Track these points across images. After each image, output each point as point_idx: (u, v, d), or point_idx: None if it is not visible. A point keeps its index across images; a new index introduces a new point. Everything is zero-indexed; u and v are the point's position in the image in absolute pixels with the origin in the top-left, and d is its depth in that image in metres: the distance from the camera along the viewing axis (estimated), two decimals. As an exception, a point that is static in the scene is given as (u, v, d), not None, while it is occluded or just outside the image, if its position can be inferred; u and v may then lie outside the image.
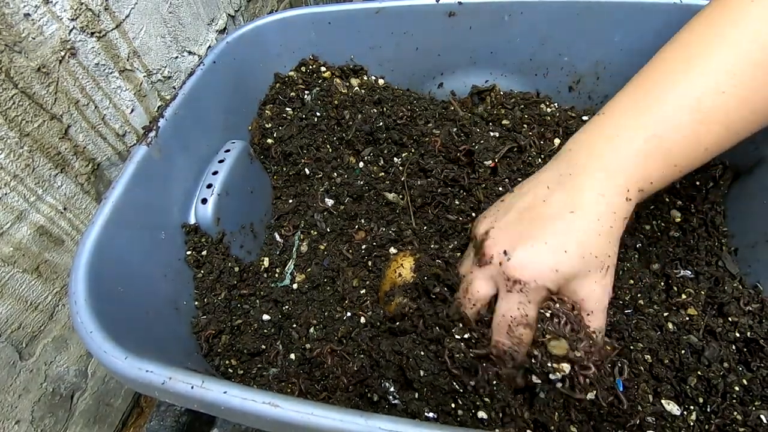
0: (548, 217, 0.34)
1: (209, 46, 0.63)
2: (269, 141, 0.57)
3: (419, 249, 0.47)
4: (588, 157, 0.36)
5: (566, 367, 0.31)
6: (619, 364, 0.37)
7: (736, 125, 0.34)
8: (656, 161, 0.34)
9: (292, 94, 0.59)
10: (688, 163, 0.35)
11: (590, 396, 0.32)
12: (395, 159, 0.55)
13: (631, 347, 0.41)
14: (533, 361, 0.32)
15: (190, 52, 0.60)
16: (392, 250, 0.50)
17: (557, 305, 0.33)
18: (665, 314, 0.44)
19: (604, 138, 0.36)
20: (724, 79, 0.33)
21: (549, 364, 0.32)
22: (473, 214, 0.48)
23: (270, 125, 0.58)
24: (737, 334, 0.42)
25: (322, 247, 0.54)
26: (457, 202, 0.50)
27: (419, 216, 0.51)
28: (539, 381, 0.32)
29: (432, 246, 0.48)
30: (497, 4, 0.53)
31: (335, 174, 0.57)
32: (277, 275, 0.53)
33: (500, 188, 0.48)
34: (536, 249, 0.33)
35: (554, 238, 0.33)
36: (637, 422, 0.35)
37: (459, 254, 0.45)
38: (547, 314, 0.33)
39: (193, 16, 0.59)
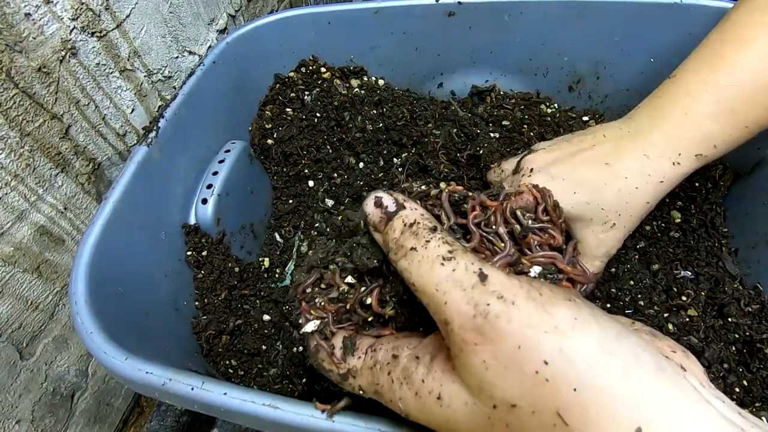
0: (584, 160, 0.35)
1: (209, 46, 0.63)
2: (269, 141, 0.57)
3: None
4: (651, 117, 0.36)
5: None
6: None
7: None
8: (723, 122, 0.33)
9: (292, 94, 0.59)
10: (757, 124, 0.34)
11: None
12: (395, 160, 0.55)
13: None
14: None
15: (190, 52, 0.60)
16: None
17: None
18: (665, 315, 0.44)
19: (669, 100, 0.36)
20: None
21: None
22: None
23: (270, 126, 0.58)
24: (737, 336, 0.42)
25: (322, 248, 0.54)
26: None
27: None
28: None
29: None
30: (497, 4, 0.53)
31: (335, 174, 0.57)
32: (277, 275, 0.53)
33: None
34: (554, 182, 0.34)
35: (573, 179, 0.34)
36: None
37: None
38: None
39: (194, 16, 0.59)
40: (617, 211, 0.34)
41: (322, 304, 0.26)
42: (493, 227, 0.26)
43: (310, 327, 0.26)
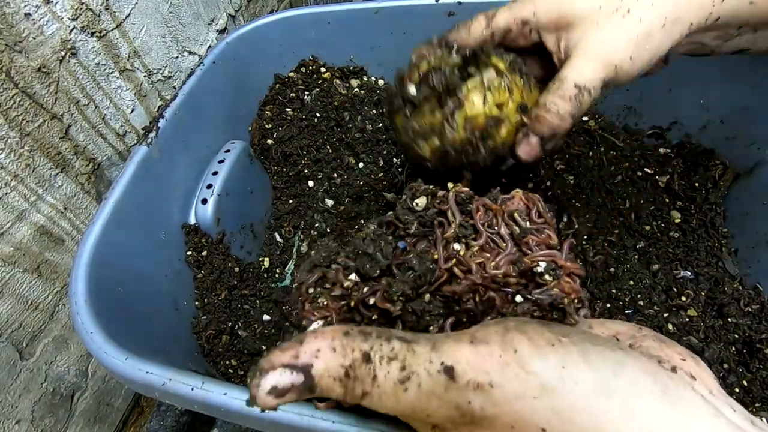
0: None
1: (209, 46, 0.63)
2: (269, 141, 0.57)
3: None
4: None
5: None
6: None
7: None
8: None
9: (292, 94, 0.59)
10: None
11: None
12: (395, 160, 0.55)
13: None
14: None
15: (190, 52, 0.60)
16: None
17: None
18: (665, 315, 0.44)
19: None
20: None
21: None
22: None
23: (270, 126, 0.58)
24: (737, 336, 0.42)
25: (322, 248, 0.54)
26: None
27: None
28: None
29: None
30: (496, 3, 0.53)
31: (335, 174, 0.57)
32: (277, 275, 0.53)
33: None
34: None
35: None
36: None
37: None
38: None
39: (194, 16, 0.59)
40: None
41: (325, 303, 0.26)
42: (495, 228, 0.26)
43: (313, 327, 0.26)
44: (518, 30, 0.34)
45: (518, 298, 0.25)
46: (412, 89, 0.34)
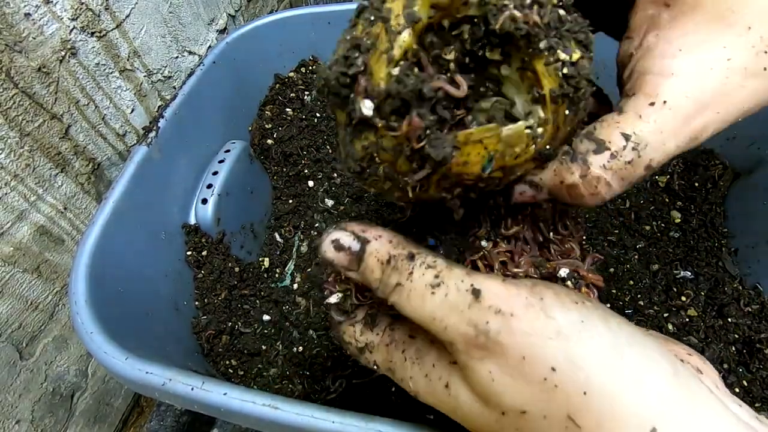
0: None
1: (209, 46, 0.63)
2: (269, 141, 0.57)
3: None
4: None
5: None
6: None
7: None
8: None
9: (292, 94, 0.59)
10: None
11: None
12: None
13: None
14: None
15: (190, 52, 0.60)
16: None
17: None
18: (665, 315, 0.44)
19: None
20: None
21: None
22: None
23: (270, 126, 0.58)
24: (737, 336, 0.42)
25: (322, 248, 0.54)
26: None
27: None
28: None
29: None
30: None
31: (335, 174, 0.57)
32: (277, 275, 0.53)
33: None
34: None
35: None
36: None
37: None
38: None
39: (194, 16, 0.59)
40: None
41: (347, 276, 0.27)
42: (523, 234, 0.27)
43: (333, 299, 0.27)
44: None
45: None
46: (367, 104, 0.18)
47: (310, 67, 0.60)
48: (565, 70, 0.18)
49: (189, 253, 0.46)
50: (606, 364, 0.17)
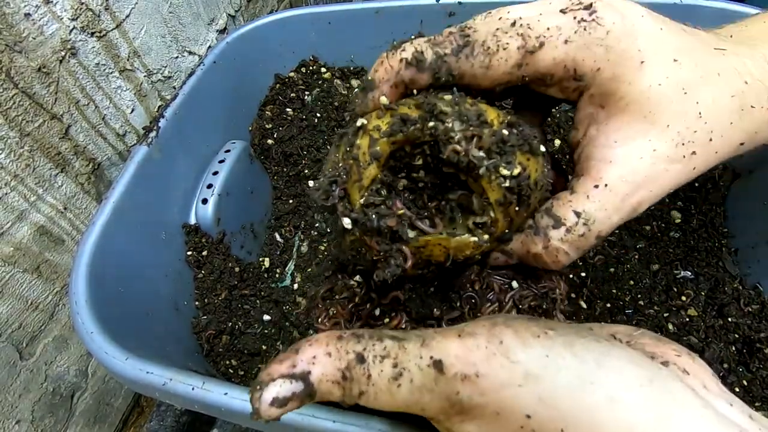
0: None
1: (209, 46, 0.63)
2: (269, 141, 0.57)
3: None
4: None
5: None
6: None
7: None
8: None
9: (293, 94, 0.59)
10: None
11: None
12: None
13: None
14: None
15: (190, 52, 0.60)
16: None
17: None
18: (665, 315, 0.44)
19: None
20: None
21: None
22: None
23: (270, 126, 0.58)
24: (737, 335, 0.42)
25: (322, 248, 0.54)
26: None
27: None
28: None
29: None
30: (497, 4, 0.53)
31: (335, 174, 0.57)
32: (277, 275, 0.53)
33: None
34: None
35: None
36: None
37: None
38: None
39: (194, 16, 0.59)
40: (708, 120, 0.22)
41: (335, 312, 0.28)
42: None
43: None
44: (564, 76, 0.23)
45: (514, 284, 0.26)
46: (346, 221, 0.22)
47: (311, 67, 0.60)
48: (507, 184, 0.21)
49: (189, 253, 0.46)
50: (577, 396, 0.17)
